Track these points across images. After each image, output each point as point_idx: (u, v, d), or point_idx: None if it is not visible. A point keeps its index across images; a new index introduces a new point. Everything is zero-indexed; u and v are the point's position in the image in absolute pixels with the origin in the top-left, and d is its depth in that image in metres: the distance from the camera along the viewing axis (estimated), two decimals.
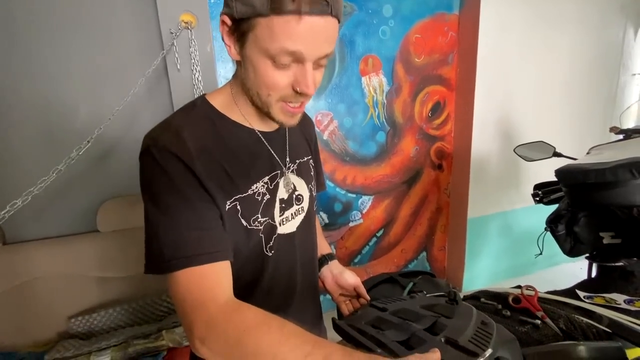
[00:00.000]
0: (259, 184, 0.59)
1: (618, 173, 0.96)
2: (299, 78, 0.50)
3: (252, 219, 0.58)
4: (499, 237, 2.51)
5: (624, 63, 2.63)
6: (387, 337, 0.50)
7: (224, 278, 0.51)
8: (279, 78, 0.50)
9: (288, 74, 0.50)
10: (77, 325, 1.36)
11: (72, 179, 1.39)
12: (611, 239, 1.05)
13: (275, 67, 0.49)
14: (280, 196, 0.63)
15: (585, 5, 2.33)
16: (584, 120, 2.57)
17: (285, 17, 0.44)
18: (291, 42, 0.46)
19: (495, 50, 2.11)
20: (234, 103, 0.59)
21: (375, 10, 1.91)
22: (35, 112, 1.35)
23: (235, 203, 0.56)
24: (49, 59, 1.33)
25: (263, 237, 0.60)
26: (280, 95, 0.52)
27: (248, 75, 0.52)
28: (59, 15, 1.32)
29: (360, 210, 2.17)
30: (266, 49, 0.47)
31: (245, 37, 0.49)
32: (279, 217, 0.63)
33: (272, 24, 0.45)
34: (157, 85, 1.48)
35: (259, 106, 0.56)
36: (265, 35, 0.46)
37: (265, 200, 0.60)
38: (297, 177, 0.68)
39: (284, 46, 0.46)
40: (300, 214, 0.69)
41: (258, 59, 0.49)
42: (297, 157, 0.68)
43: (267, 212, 0.60)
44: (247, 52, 0.50)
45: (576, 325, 0.65)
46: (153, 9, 1.41)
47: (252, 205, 0.58)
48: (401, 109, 2.12)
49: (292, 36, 0.45)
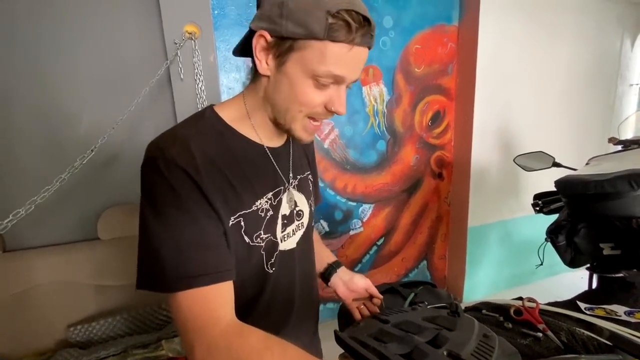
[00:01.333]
0: (262, 200, 0.58)
1: (617, 184, 0.97)
2: (334, 99, 0.53)
3: (254, 235, 0.57)
4: (499, 246, 2.51)
5: (621, 73, 2.66)
6: (389, 350, 0.49)
7: (227, 299, 0.50)
8: (316, 97, 0.52)
9: (325, 94, 0.53)
10: (76, 334, 1.36)
11: (74, 187, 1.40)
12: (611, 250, 1.05)
13: (315, 86, 0.51)
14: (282, 212, 0.63)
15: (582, 16, 2.37)
16: (583, 130, 2.59)
17: (339, 44, 0.47)
18: (339, 67, 0.49)
19: (494, 60, 2.14)
20: (247, 116, 0.58)
21: (376, 21, 1.92)
22: (39, 120, 1.37)
23: (240, 219, 0.55)
24: (54, 68, 1.35)
25: (264, 254, 0.60)
26: (312, 112, 0.54)
27: (280, 91, 0.53)
28: (64, 25, 1.34)
29: (360, 219, 2.17)
30: (312, 69, 0.49)
31: (287, 55, 0.50)
32: (281, 233, 0.63)
33: (326, 48, 0.48)
34: (160, 95, 1.49)
35: (281, 121, 0.56)
36: (315, 57, 0.48)
37: (269, 216, 0.59)
38: (298, 193, 0.67)
39: (332, 70, 0.49)
40: (300, 229, 0.68)
41: (299, 77, 0.51)
42: (298, 173, 0.68)
43: (269, 228, 0.60)
44: (287, 69, 0.51)
45: (577, 338, 0.65)
46: (158, 20, 1.43)
47: (256, 222, 0.57)
48: (401, 118, 2.14)
49: (341, 62, 0.49)
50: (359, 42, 0.48)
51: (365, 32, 0.48)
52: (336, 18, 0.46)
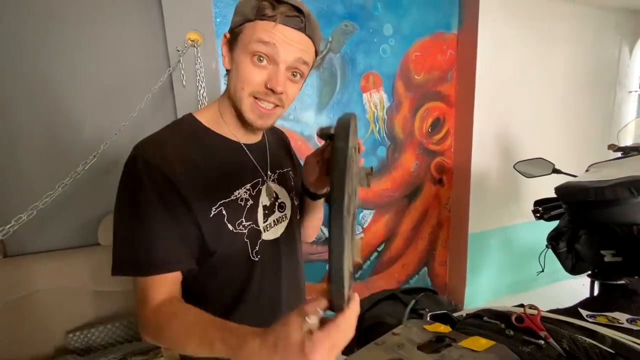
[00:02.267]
0: (241, 190, 0.64)
1: (617, 191, 0.97)
2: (271, 76, 0.58)
3: (237, 222, 0.62)
4: (500, 252, 2.50)
5: (620, 80, 2.68)
6: None
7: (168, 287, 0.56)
8: (254, 74, 0.58)
9: (262, 72, 0.58)
10: (75, 340, 1.35)
11: (75, 193, 1.40)
12: (612, 257, 1.05)
13: (253, 64, 0.57)
14: (263, 202, 0.67)
15: (580, 24, 2.40)
16: (582, 137, 2.60)
17: (266, 21, 0.56)
18: (266, 36, 0.56)
19: (493, 67, 2.15)
20: (221, 117, 0.65)
21: (376, 29, 1.96)
22: (41, 126, 1.38)
23: (221, 208, 0.60)
24: (57, 74, 1.37)
25: (248, 242, 0.64)
26: (253, 89, 0.59)
27: (232, 77, 0.60)
28: (68, 31, 1.35)
29: (361, 225, 2.17)
30: (247, 43, 0.57)
31: (235, 42, 0.59)
32: (263, 223, 0.67)
33: (256, 25, 0.56)
34: (162, 101, 1.50)
35: (237, 106, 0.61)
36: (248, 35, 0.57)
37: (249, 205, 0.64)
38: (278, 186, 0.72)
39: (261, 37, 0.56)
40: (284, 220, 0.72)
41: (241, 57, 0.58)
42: (277, 168, 0.74)
43: (250, 216, 0.64)
44: (234, 55, 0.59)
45: (579, 346, 0.64)
46: (160, 27, 1.45)
47: (237, 210, 0.62)
48: (401, 125, 2.15)
49: (268, 33, 0.56)
50: (282, 20, 0.55)
51: (287, 12, 0.56)
52: (263, 1, 0.55)
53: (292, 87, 0.61)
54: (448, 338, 0.67)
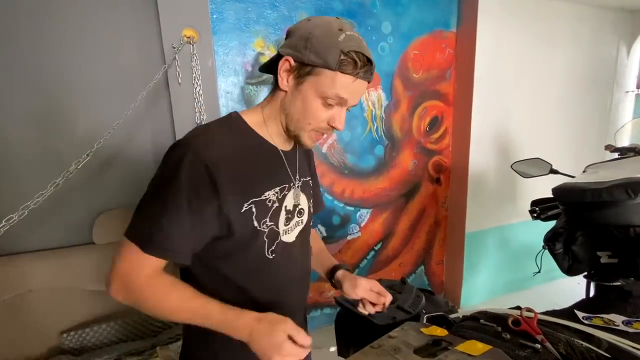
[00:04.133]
0: (271, 192, 0.69)
1: (614, 193, 0.97)
2: (335, 117, 0.67)
3: (262, 221, 0.67)
4: (497, 251, 2.51)
5: (617, 80, 2.69)
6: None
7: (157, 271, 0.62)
8: (322, 114, 0.66)
9: (329, 113, 0.66)
10: (69, 340, 1.34)
11: (69, 191, 1.39)
12: (608, 258, 1.05)
13: (324, 106, 0.65)
14: (287, 206, 0.72)
15: (578, 24, 2.39)
16: (580, 137, 2.61)
17: (346, 76, 0.62)
18: (344, 92, 0.63)
19: (491, 66, 2.15)
20: (264, 122, 0.71)
21: (375, 27, 1.95)
22: (34, 124, 1.36)
23: (252, 205, 0.65)
24: (50, 71, 1.34)
25: (267, 241, 0.69)
26: (317, 126, 0.67)
27: (295, 104, 0.66)
28: (62, 28, 1.33)
29: (358, 224, 2.17)
30: (323, 92, 0.63)
31: (305, 77, 0.64)
32: (284, 225, 0.72)
33: (336, 77, 0.62)
34: (157, 99, 1.49)
35: (291, 129, 0.68)
36: (326, 82, 0.63)
37: (274, 207, 0.69)
38: (301, 193, 0.77)
39: (339, 94, 0.63)
40: (300, 225, 0.77)
41: (312, 97, 0.64)
42: (302, 176, 0.79)
43: (274, 218, 0.69)
44: (303, 89, 0.64)
45: (576, 350, 0.64)
46: (156, 24, 1.43)
47: (264, 210, 0.67)
48: (399, 123, 2.14)
49: (346, 90, 0.63)
50: (361, 76, 0.63)
51: (367, 70, 0.64)
52: (347, 56, 0.61)
53: None
54: (445, 342, 0.66)
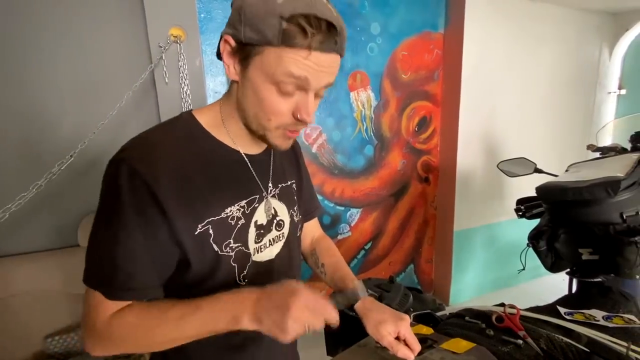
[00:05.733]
0: (234, 208, 0.57)
1: (594, 191, 1.00)
2: (300, 106, 0.52)
3: (224, 244, 0.56)
4: (484, 249, 2.55)
5: (600, 81, 2.76)
6: None
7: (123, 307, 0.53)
8: (281, 105, 0.51)
9: (290, 102, 0.51)
10: (54, 345, 1.31)
11: (53, 193, 1.36)
12: (589, 255, 1.08)
13: (279, 93, 0.50)
14: (258, 222, 0.60)
15: (563, 26, 2.45)
16: (564, 137, 2.67)
17: (295, 50, 0.46)
18: (298, 69, 0.48)
19: (478, 68, 2.18)
20: (222, 123, 0.58)
21: (364, 27, 1.95)
22: (15, 124, 1.32)
23: (208, 227, 0.54)
24: (33, 69, 1.31)
25: (236, 266, 0.58)
26: (281, 122, 0.53)
27: (247, 96, 0.53)
28: (44, 25, 1.30)
29: (348, 223, 2.18)
30: (272, 73, 0.48)
31: (249, 59, 0.50)
32: (255, 244, 0.60)
33: (282, 53, 0.47)
34: (144, 99, 1.46)
35: (253, 128, 0.55)
36: (272, 62, 0.48)
37: (240, 225, 0.58)
38: (278, 202, 0.65)
39: (290, 71, 0.48)
40: (281, 240, 0.66)
41: (262, 83, 0.50)
42: (280, 182, 0.67)
43: (240, 237, 0.58)
44: (249, 75, 0.51)
45: (556, 345, 0.66)
46: (142, 23, 1.41)
47: (225, 230, 0.56)
48: (388, 124, 2.15)
49: (300, 67, 0.47)
50: (317, 47, 0.46)
51: (324, 37, 0.47)
52: (290, 23, 0.45)
53: (316, 103, 0.55)
54: (430, 340, 0.67)
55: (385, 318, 0.62)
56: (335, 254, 0.80)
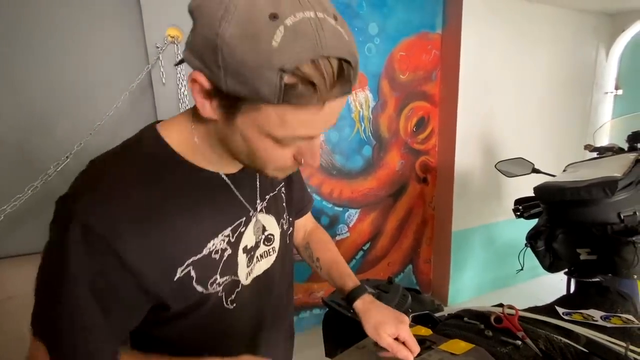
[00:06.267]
0: (217, 240, 0.49)
1: (592, 192, 1.00)
2: (305, 151, 0.44)
3: (209, 282, 0.49)
4: (483, 249, 2.55)
5: (597, 82, 2.77)
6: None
7: None
8: (281, 155, 0.43)
9: (292, 149, 0.44)
10: None
11: (49, 195, 1.34)
12: (587, 255, 1.08)
13: (278, 145, 0.41)
14: (247, 246, 0.55)
15: (560, 27, 2.46)
16: (561, 137, 2.67)
17: (303, 108, 0.37)
18: (307, 130, 0.40)
19: (476, 68, 2.18)
20: (195, 142, 0.47)
21: (361, 28, 1.95)
22: (11, 125, 1.31)
23: (189, 269, 0.47)
24: (28, 70, 1.30)
25: (224, 295, 0.53)
26: (281, 166, 0.46)
27: (235, 142, 0.43)
28: (40, 26, 1.29)
29: (347, 224, 2.17)
30: (270, 132, 0.39)
31: (235, 111, 0.39)
32: (246, 269, 0.55)
33: (285, 113, 0.37)
34: (141, 100, 1.46)
35: (245, 164, 0.47)
36: (272, 121, 0.38)
37: (226, 257, 0.51)
38: (266, 216, 0.59)
39: (298, 134, 0.40)
40: (271, 255, 0.61)
41: (256, 137, 0.41)
42: (267, 192, 0.59)
43: (228, 270, 0.52)
44: (237, 123, 0.40)
45: (555, 346, 0.66)
46: (139, 23, 1.40)
47: (210, 267, 0.49)
48: (387, 124, 2.15)
49: (311, 124, 0.39)
50: (334, 95, 0.37)
51: (338, 81, 0.36)
52: (295, 76, 0.34)
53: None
54: (428, 341, 0.67)
55: (384, 320, 0.62)
56: (331, 247, 0.78)
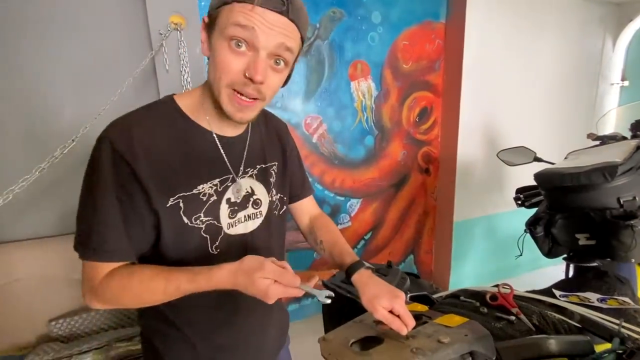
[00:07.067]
0: (206, 185, 0.62)
1: (592, 176, 1.01)
2: (250, 63, 0.54)
3: (193, 217, 0.61)
4: (484, 240, 2.56)
5: (602, 72, 2.74)
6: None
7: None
8: (233, 62, 0.54)
9: (241, 60, 0.54)
10: (58, 328, 1.33)
11: (56, 179, 1.37)
12: (586, 240, 1.08)
13: (231, 50, 0.54)
14: (230, 199, 0.65)
15: (565, 16, 2.43)
16: (565, 127, 2.65)
17: (242, 4, 0.52)
18: (244, 19, 0.52)
19: (480, 57, 2.17)
20: (201, 105, 0.62)
21: (364, 16, 1.95)
22: (18, 110, 1.33)
23: (179, 200, 0.59)
24: (35, 56, 1.32)
25: (208, 238, 0.63)
26: (231, 80, 0.55)
27: (211, 64, 0.57)
28: (45, 13, 1.31)
29: (348, 213, 2.19)
30: (224, 28, 0.53)
31: (213, 26, 0.55)
32: (229, 219, 0.65)
33: (233, 8, 0.52)
34: (145, 86, 1.47)
35: (215, 96, 0.58)
36: (225, 17, 0.53)
37: (211, 201, 0.62)
38: (256, 182, 0.69)
39: (238, 20, 0.52)
40: (258, 217, 0.70)
41: (218, 43, 0.54)
42: (259, 162, 0.71)
43: (211, 212, 0.62)
44: (213, 41, 0.55)
45: (548, 321, 0.67)
46: (142, 10, 1.41)
47: (196, 205, 0.61)
48: (389, 114, 2.15)
49: (246, 16, 0.52)
50: (261, 2, 0.51)
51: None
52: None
53: (273, 76, 0.57)
54: (424, 316, 0.69)
55: (380, 293, 0.64)
56: (333, 230, 0.84)
